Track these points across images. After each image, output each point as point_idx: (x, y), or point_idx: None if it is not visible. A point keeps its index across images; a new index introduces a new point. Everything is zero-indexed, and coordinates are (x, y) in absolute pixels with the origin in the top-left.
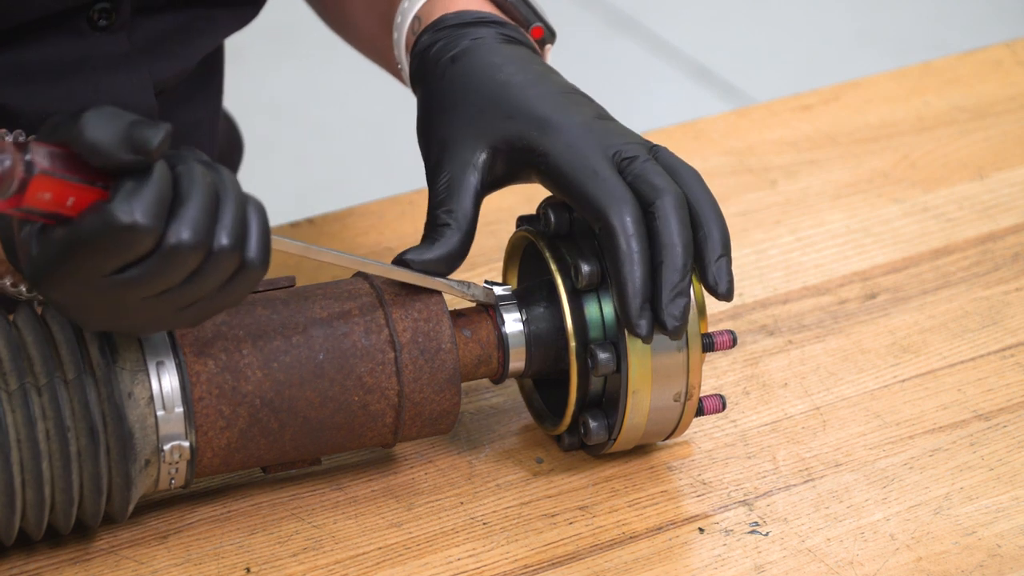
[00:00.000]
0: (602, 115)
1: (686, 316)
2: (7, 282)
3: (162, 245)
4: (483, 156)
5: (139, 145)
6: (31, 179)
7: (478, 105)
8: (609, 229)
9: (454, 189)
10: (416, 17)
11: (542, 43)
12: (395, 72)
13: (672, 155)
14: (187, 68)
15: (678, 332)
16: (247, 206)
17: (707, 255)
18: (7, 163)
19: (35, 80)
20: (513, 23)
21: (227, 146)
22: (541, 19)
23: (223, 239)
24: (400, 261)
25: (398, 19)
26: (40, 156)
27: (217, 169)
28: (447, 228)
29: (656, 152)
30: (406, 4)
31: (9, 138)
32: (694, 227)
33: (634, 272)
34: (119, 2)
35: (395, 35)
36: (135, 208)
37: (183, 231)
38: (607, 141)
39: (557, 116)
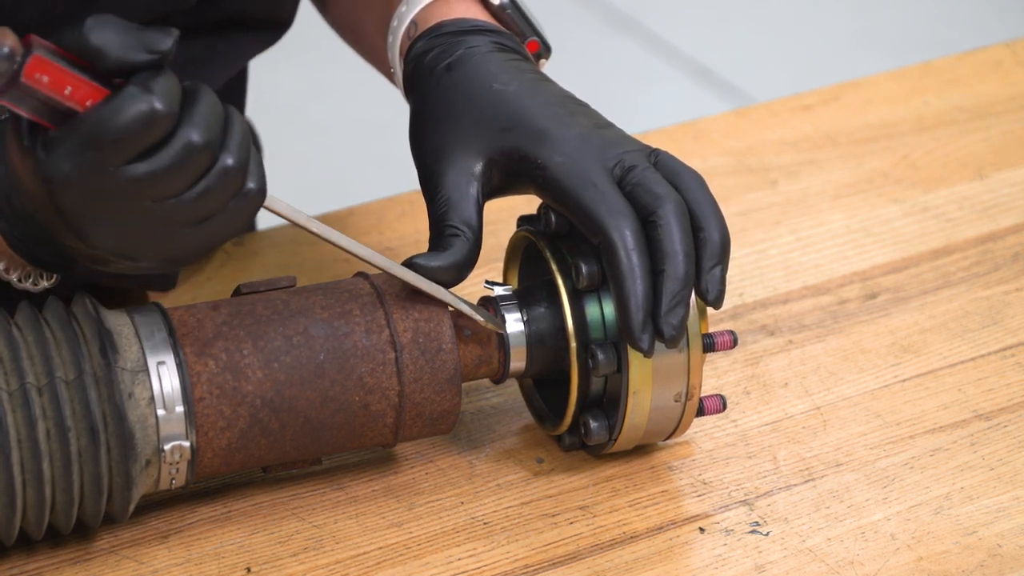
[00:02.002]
0: (600, 124)
1: (684, 326)
2: (14, 277)
3: (176, 135)
4: (480, 167)
5: (151, 47)
6: (29, 58)
7: (474, 115)
8: (609, 243)
9: (458, 200)
10: (412, 22)
11: (537, 57)
12: (389, 75)
13: (673, 159)
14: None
15: (675, 341)
16: (249, 134)
17: (703, 262)
18: (5, 49)
19: None
20: (509, 33)
21: None
22: (538, 33)
23: (231, 149)
24: (409, 265)
25: (394, 23)
26: (38, 42)
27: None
28: (456, 238)
29: (656, 157)
30: (403, 8)
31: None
32: (694, 230)
33: (636, 287)
34: None
35: (390, 39)
36: (155, 93)
37: (194, 129)
38: (605, 151)
39: (554, 128)
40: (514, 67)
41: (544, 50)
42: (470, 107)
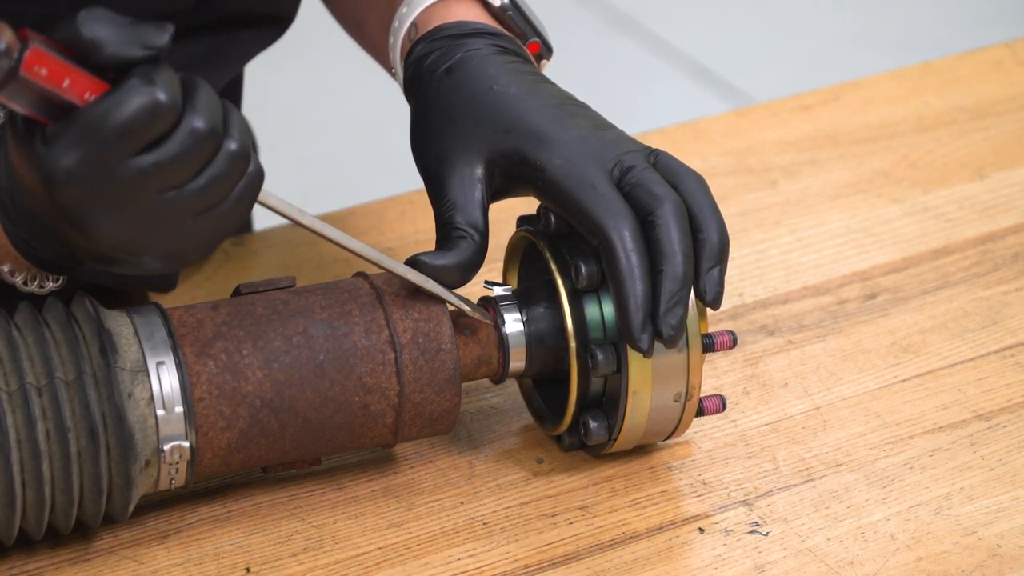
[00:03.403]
0: (599, 125)
1: (683, 326)
2: (4, 268)
3: (181, 124)
4: (481, 169)
5: (147, 42)
6: (27, 50)
7: (474, 118)
8: (608, 244)
9: (464, 203)
10: (413, 24)
11: (538, 58)
12: (391, 73)
13: (673, 159)
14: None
15: (674, 341)
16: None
17: (702, 263)
18: (2, 44)
19: None
20: (510, 35)
21: None
22: (539, 35)
23: (234, 134)
24: (413, 262)
25: (395, 24)
26: (35, 36)
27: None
28: (463, 240)
29: (656, 158)
30: (404, 9)
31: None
32: (693, 231)
33: (635, 287)
34: None
35: (391, 39)
36: (157, 85)
37: (198, 117)
38: (604, 153)
39: (553, 130)
40: (514, 69)
41: (545, 51)
42: (470, 110)
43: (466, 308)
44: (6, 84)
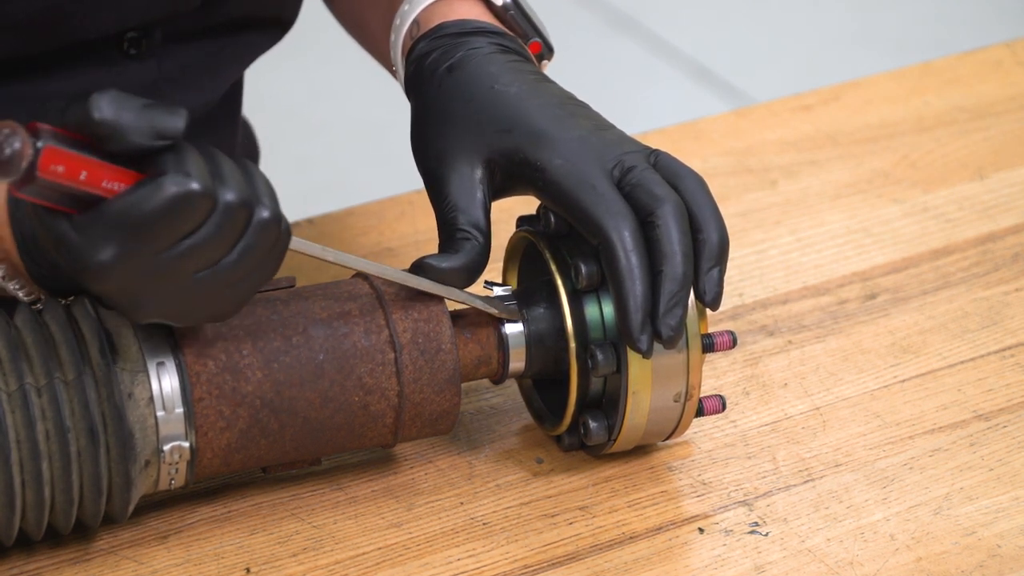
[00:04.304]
0: (600, 125)
1: (682, 327)
2: (13, 286)
3: (216, 208)
4: (481, 169)
5: (164, 132)
6: (42, 150)
7: (475, 118)
8: (608, 244)
9: (466, 204)
10: (415, 22)
11: (539, 58)
12: (392, 72)
13: (673, 159)
14: (215, 97)
15: (672, 342)
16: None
17: (701, 263)
18: (16, 144)
19: None
20: (511, 35)
21: (243, 152)
22: (540, 34)
23: (263, 201)
24: (418, 266)
25: (396, 21)
26: (46, 132)
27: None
28: (466, 241)
29: (656, 158)
30: (406, 7)
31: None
32: (693, 231)
33: (635, 287)
34: (151, 30)
35: (392, 37)
36: (192, 177)
37: (229, 191)
38: (605, 153)
39: (554, 129)
40: (515, 68)
41: (546, 51)
42: (470, 109)
43: (493, 311)
44: (24, 186)
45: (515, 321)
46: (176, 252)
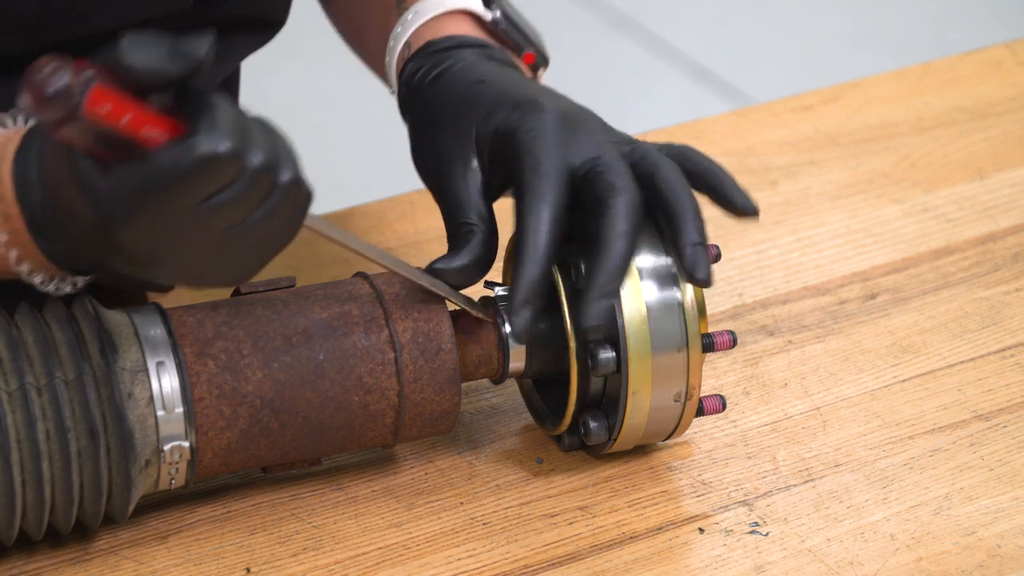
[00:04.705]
0: (585, 109)
1: (606, 317)
2: (25, 268)
3: (245, 168)
4: (474, 158)
5: (187, 56)
6: (92, 88)
7: (461, 111)
8: (519, 228)
9: (464, 196)
10: (407, 43)
11: (534, 68)
12: (393, 95)
13: (651, 150)
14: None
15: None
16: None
17: (682, 241)
18: (63, 80)
19: None
20: (499, 46)
21: None
22: (534, 45)
23: (288, 163)
24: (429, 270)
25: (390, 43)
26: (93, 71)
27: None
28: (471, 234)
29: (634, 148)
30: (399, 29)
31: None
32: (668, 220)
33: (528, 270)
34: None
35: (387, 59)
36: (222, 137)
37: (257, 153)
38: (582, 134)
39: (540, 98)
40: (500, 69)
41: (541, 60)
42: (456, 104)
43: (483, 316)
44: (63, 125)
45: (488, 307)
46: (203, 209)
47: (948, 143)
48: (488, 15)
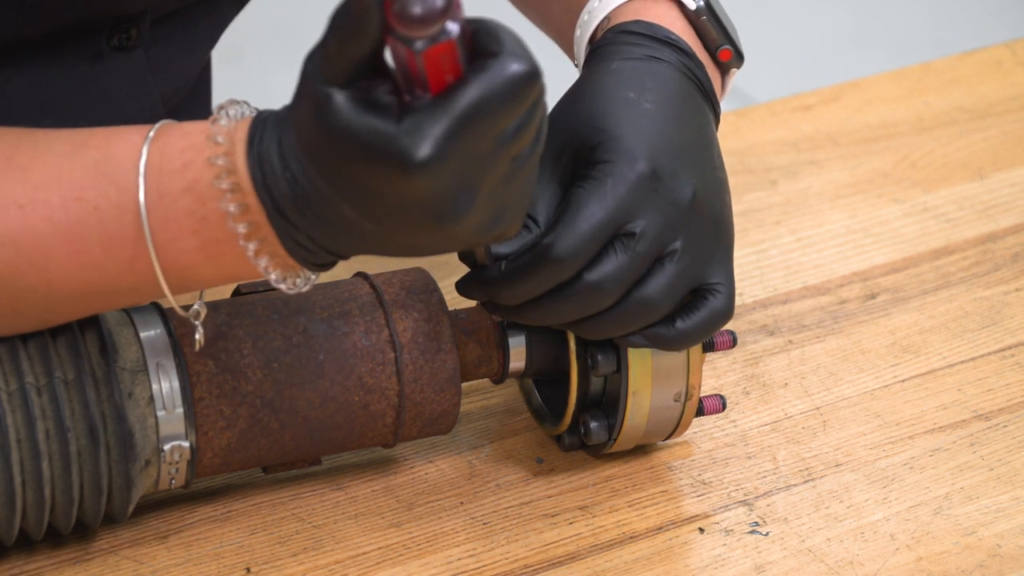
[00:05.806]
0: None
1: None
2: (274, 275)
3: (543, 88)
4: (550, 162)
5: None
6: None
7: (563, 118)
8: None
9: (535, 196)
10: (607, 17)
11: (729, 66)
12: (576, 67)
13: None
14: (189, 82)
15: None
16: None
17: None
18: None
19: (52, 105)
20: (698, 59)
21: None
22: (732, 41)
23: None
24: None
25: (584, 17)
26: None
27: None
28: (524, 229)
29: (671, 255)
30: (595, 3)
31: None
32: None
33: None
34: (139, 19)
35: (578, 32)
36: (523, 57)
37: (533, 68)
38: (638, 201)
39: (635, 144)
40: (679, 94)
41: (736, 59)
42: (566, 111)
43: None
44: (441, 18)
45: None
46: (506, 137)
47: (948, 143)
48: (692, 3)
